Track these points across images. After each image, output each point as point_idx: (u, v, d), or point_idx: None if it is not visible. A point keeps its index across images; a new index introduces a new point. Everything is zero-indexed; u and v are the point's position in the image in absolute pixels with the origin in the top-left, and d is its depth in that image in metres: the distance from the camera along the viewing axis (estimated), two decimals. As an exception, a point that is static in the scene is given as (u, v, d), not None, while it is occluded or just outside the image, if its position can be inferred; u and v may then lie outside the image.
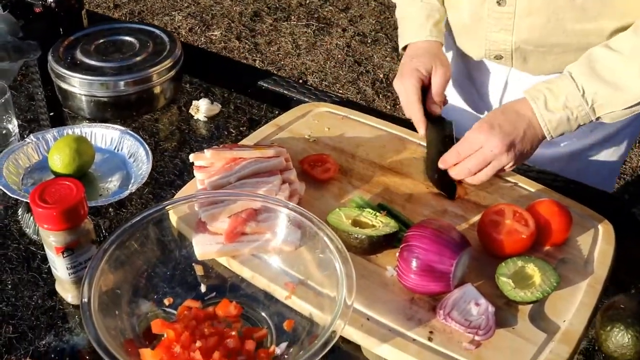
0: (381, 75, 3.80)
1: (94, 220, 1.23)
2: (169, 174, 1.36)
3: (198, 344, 0.93)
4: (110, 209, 1.25)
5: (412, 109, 1.32)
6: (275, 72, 3.79)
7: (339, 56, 3.97)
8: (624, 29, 1.24)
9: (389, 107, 3.55)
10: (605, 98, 1.17)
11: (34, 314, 1.07)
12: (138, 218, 1.03)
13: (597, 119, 1.20)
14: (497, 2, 1.30)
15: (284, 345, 0.98)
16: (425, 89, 1.34)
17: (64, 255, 1.00)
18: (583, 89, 1.17)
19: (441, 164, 1.25)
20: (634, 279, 1.15)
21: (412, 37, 1.43)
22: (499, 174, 1.28)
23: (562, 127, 1.20)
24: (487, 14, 1.34)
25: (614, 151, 1.51)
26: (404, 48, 1.44)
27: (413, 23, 1.44)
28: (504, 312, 1.04)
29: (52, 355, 1.01)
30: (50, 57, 1.52)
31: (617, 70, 1.17)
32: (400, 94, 1.34)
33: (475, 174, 1.22)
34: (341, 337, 0.99)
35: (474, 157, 1.20)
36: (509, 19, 1.32)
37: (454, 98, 1.63)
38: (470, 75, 1.58)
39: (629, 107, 1.18)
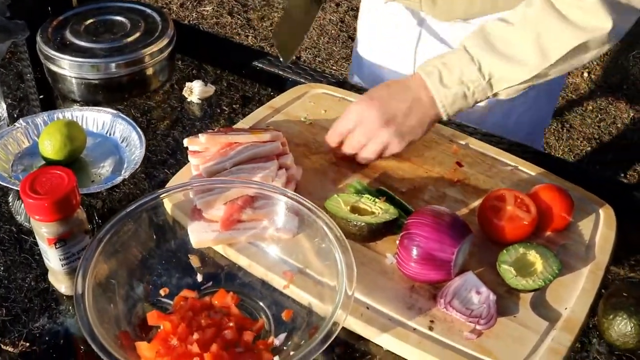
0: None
1: (86, 201, 1.21)
2: (162, 153, 1.34)
3: (195, 336, 0.92)
4: (99, 191, 1.23)
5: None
6: (268, 48, 3.75)
7: (333, 32, 3.92)
8: None
9: (383, 84, 3.51)
10: (501, 72, 1.14)
11: (27, 296, 1.06)
12: (132, 207, 1.00)
13: (495, 95, 1.17)
14: None
15: (282, 336, 0.96)
16: None
17: (57, 247, 0.97)
18: (479, 62, 1.14)
19: (328, 141, 1.23)
20: (636, 264, 1.14)
21: None
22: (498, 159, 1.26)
23: (459, 103, 1.16)
24: None
25: (539, 106, 1.52)
26: None
27: None
28: (505, 299, 1.02)
29: (47, 338, 1.00)
30: (38, 38, 1.49)
31: (511, 43, 1.14)
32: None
33: (361, 150, 1.20)
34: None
35: (354, 133, 1.19)
36: None
37: (373, 48, 1.62)
38: (387, 23, 1.56)
39: (525, 82, 1.15)
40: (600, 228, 1.16)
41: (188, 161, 1.23)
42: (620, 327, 0.97)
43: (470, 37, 1.16)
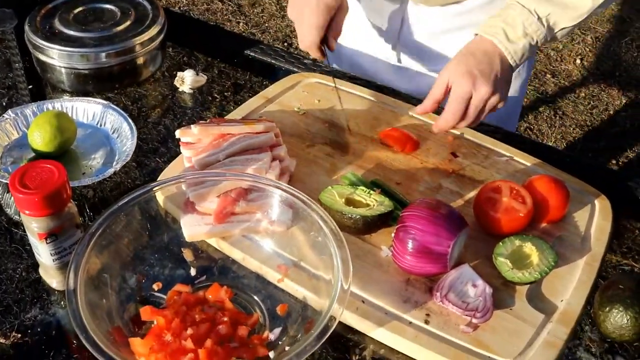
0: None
1: (77, 191, 1.19)
2: (153, 142, 1.33)
3: (189, 331, 0.91)
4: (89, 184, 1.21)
5: (313, 49, 1.28)
6: (259, 35, 3.72)
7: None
8: None
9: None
10: (557, 16, 1.22)
11: (18, 287, 1.05)
12: (124, 201, 0.99)
13: (553, 38, 1.26)
14: None
15: (278, 330, 0.95)
16: None
17: (48, 242, 0.96)
18: (537, 13, 1.20)
19: (421, 110, 1.24)
20: (628, 251, 1.14)
21: None
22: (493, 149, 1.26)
23: (527, 53, 1.23)
24: None
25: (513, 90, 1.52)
26: None
27: None
28: (501, 292, 1.02)
29: (39, 329, 0.99)
30: (27, 27, 1.46)
31: None
32: (305, 30, 1.27)
33: (464, 118, 1.21)
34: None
35: (453, 100, 1.19)
36: None
37: (352, 36, 1.59)
38: (368, 10, 1.54)
39: (580, 21, 1.23)
40: (595, 219, 1.15)
41: (179, 149, 1.22)
42: (617, 320, 0.97)
43: None
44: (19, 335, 0.98)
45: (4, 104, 1.39)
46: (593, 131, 3.19)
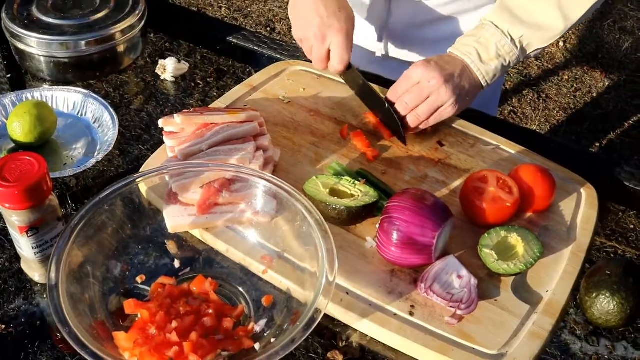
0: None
1: (60, 180, 1.18)
2: (136, 129, 1.32)
3: (174, 324, 0.90)
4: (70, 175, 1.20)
5: (342, 67, 1.26)
6: (242, 20, 3.69)
7: (307, 3, 3.86)
8: None
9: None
10: (531, 39, 1.23)
11: (1, 277, 1.04)
12: (106, 192, 0.98)
13: (526, 58, 1.28)
14: None
15: (263, 322, 0.95)
16: None
17: (29, 235, 0.95)
18: (510, 34, 1.22)
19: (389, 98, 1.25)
20: (612, 234, 1.15)
21: None
22: (479, 138, 1.25)
23: (498, 74, 1.25)
24: None
25: None
26: None
27: None
28: (486, 283, 1.02)
29: (23, 320, 0.99)
30: (4, 15, 1.43)
31: (535, 12, 1.23)
32: (339, 50, 1.24)
33: (414, 110, 1.22)
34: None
35: (411, 91, 1.22)
36: None
37: None
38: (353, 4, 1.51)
39: (554, 40, 1.26)
40: (582, 208, 1.15)
41: (162, 137, 1.20)
42: (603, 306, 0.97)
43: (495, 14, 1.24)
44: (3, 326, 0.98)
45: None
46: (576, 114, 3.21)
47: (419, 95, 1.20)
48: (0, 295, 1.01)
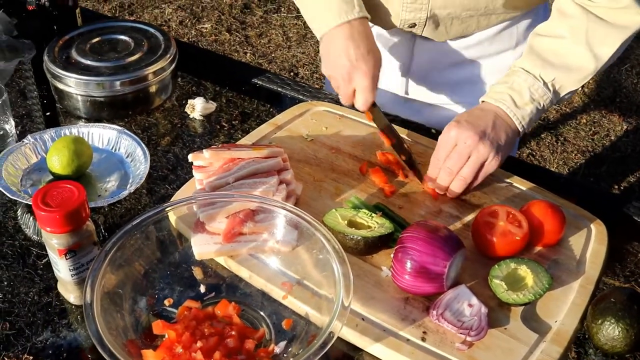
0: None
1: (93, 210, 1.24)
2: (163, 169, 1.38)
3: (199, 344, 0.95)
4: (106, 204, 1.26)
5: (368, 103, 1.31)
6: (266, 64, 3.80)
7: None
8: None
9: (379, 100, 3.56)
10: (562, 80, 1.25)
11: (30, 310, 1.09)
12: (138, 220, 1.04)
13: (559, 101, 1.29)
14: None
15: (283, 344, 1.00)
16: None
17: (67, 257, 1.01)
18: (542, 78, 1.24)
19: (431, 181, 1.26)
20: (630, 275, 1.18)
21: (337, 18, 1.29)
22: (493, 174, 1.31)
23: (534, 118, 1.26)
24: None
25: None
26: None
27: (334, 3, 1.29)
28: (497, 312, 1.06)
29: (50, 352, 1.03)
30: (46, 57, 1.53)
31: (566, 54, 1.25)
32: (364, 92, 1.29)
33: (459, 173, 1.23)
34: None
35: (451, 156, 1.23)
36: None
37: None
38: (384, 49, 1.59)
39: (586, 80, 1.27)
40: (591, 243, 1.19)
41: (189, 177, 1.28)
42: (609, 332, 1.01)
43: (525, 59, 1.26)
44: (31, 357, 1.02)
45: (18, 132, 1.44)
46: (594, 157, 3.24)
47: (460, 158, 1.22)
48: (28, 327, 1.06)
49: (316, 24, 1.33)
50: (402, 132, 1.41)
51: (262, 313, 1.06)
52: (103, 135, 1.41)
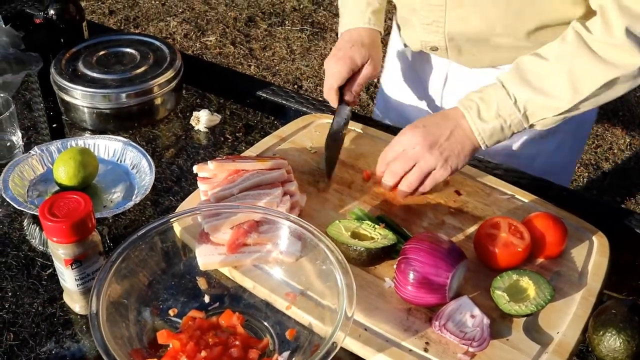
0: (375, 80, 3.82)
1: (98, 220, 1.25)
2: (167, 180, 1.39)
3: (203, 353, 0.96)
4: (110, 216, 1.28)
5: (330, 94, 1.40)
6: (270, 77, 3.82)
7: (334, 62, 3.99)
8: (547, 26, 1.30)
9: (383, 113, 3.57)
10: (536, 105, 1.19)
11: (34, 321, 1.09)
12: (144, 230, 1.05)
13: (531, 126, 1.22)
14: None
15: (286, 354, 1.00)
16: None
17: (73, 267, 1.02)
18: (515, 97, 1.19)
19: (382, 177, 1.27)
20: (625, 284, 1.18)
21: (352, 23, 1.45)
22: (495, 187, 1.31)
23: (497, 135, 1.22)
24: (420, 6, 1.36)
25: (564, 151, 1.55)
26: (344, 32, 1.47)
27: (354, 10, 1.46)
28: (499, 323, 1.07)
29: (56, 362, 1.03)
30: (52, 70, 1.55)
31: (546, 78, 1.19)
32: (327, 75, 1.40)
33: (405, 177, 1.24)
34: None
35: (397, 159, 1.24)
36: (440, 11, 1.34)
37: (400, 90, 1.67)
38: (414, 67, 1.62)
39: (559, 115, 1.20)
40: (593, 255, 1.20)
41: (193, 188, 1.29)
42: (610, 343, 1.02)
43: (507, 74, 1.22)
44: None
45: (24, 143, 1.46)
46: (597, 170, 3.25)
47: (406, 163, 1.23)
48: (32, 338, 1.06)
49: (340, 23, 1.50)
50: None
51: (265, 323, 1.07)
52: (109, 147, 1.42)
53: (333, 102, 1.41)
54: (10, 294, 1.14)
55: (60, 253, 1.01)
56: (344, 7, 1.50)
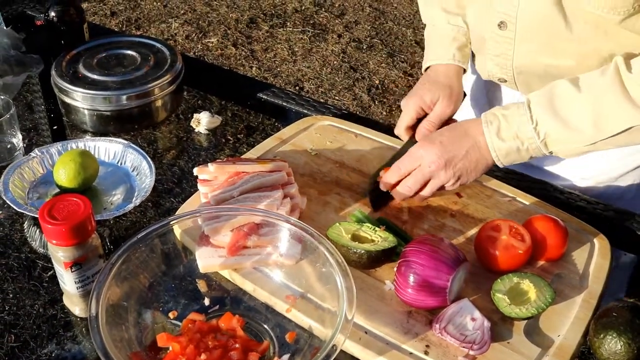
0: (377, 82, 3.83)
1: (99, 222, 1.25)
2: (168, 182, 1.39)
3: (203, 356, 0.96)
4: (110, 218, 1.27)
5: (400, 132, 1.38)
6: (271, 79, 3.82)
7: (335, 62, 4.00)
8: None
9: (384, 113, 3.58)
10: (557, 134, 1.14)
11: (35, 322, 1.09)
12: (144, 233, 1.05)
13: (550, 152, 1.18)
14: (499, 25, 1.28)
15: (286, 357, 1.00)
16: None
17: (72, 270, 1.02)
18: (537, 121, 1.15)
19: (383, 184, 1.27)
20: (627, 287, 1.19)
21: (435, 58, 1.43)
22: (497, 189, 1.31)
23: (513, 156, 1.18)
24: (489, 36, 1.32)
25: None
26: (427, 69, 1.45)
27: (438, 45, 1.43)
28: (499, 326, 1.06)
29: (57, 365, 1.03)
30: (53, 72, 1.55)
31: (572, 108, 1.14)
32: (402, 113, 1.39)
33: (416, 192, 1.24)
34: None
35: (413, 174, 1.23)
36: (509, 44, 1.30)
37: (470, 115, 1.64)
38: (488, 96, 1.59)
39: (585, 146, 1.15)
40: (594, 258, 1.19)
41: (194, 190, 1.29)
42: (611, 346, 1.01)
43: (537, 93, 1.17)
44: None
45: (25, 145, 1.46)
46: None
47: (421, 179, 1.22)
48: (33, 340, 1.06)
49: (425, 56, 1.47)
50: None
51: (265, 326, 1.07)
52: (109, 149, 1.42)
53: (404, 139, 1.40)
54: (11, 295, 1.14)
55: (59, 255, 1.01)
56: (429, 41, 1.47)
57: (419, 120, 1.38)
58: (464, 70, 1.43)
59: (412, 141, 1.36)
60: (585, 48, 1.22)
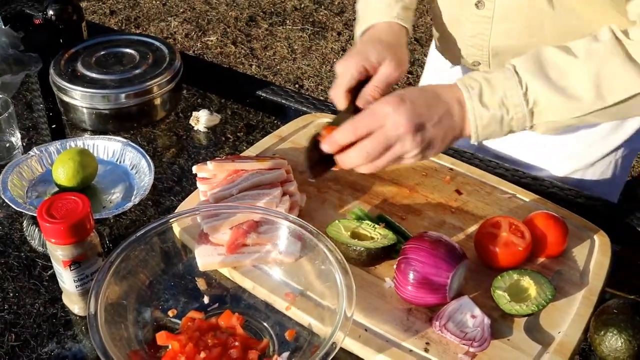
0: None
1: (97, 221, 1.25)
2: (168, 181, 1.39)
3: (202, 354, 0.96)
4: (110, 217, 1.27)
5: (336, 96, 1.20)
6: (271, 77, 3.81)
7: (335, 60, 3.99)
8: None
9: (384, 112, 3.57)
10: (548, 102, 1.04)
11: (36, 321, 1.09)
12: (143, 231, 1.05)
13: (531, 127, 1.08)
14: (476, 4, 1.25)
15: (286, 354, 1.00)
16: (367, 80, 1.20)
17: (71, 269, 1.02)
18: (526, 86, 1.03)
19: (329, 144, 1.08)
20: (627, 284, 1.18)
21: (376, 17, 1.27)
22: (496, 187, 1.31)
23: (493, 126, 1.06)
24: (465, 17, 1.29)
25: (618, 163, 1.50)
26: (364, 33, 1.28)
27: (379, 4, 1.28)
28: (500, 323, 1.06)
29: (57, 363, 1.03)
30: (52, 70, 1.54)
31: (568, 74, 1.04)
32: (337, 76, 1.20)
33: (373, 160, 1.06)
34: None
35: (374, 136, 1.04)
36: (486, 23, 1.27)
37: None
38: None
39: (573, 118, 1.06)
40: (595, 254, 1.19)
41: (194, 188, 1.29)
42: (611, 343, 1.01)
43: (522, 59, 1.06)
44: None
45: (24, 144, 1.46)
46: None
47: (384, 143, 1.04)
48: (34, 339, 1.06)
49: (358, 24, 1.31)
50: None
51: (265, 324, 1.06)
52: (108, 148, 1.42)
53: (340, 105, 1.19)
54: (11, 294, 1.14)
55: (58, 254, 1.00)
56: (366, 4, 1.31)
57: (359, 87, 1.19)
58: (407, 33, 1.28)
59: (350, 108, 1.18)
60: (567, 26, 1.17)
